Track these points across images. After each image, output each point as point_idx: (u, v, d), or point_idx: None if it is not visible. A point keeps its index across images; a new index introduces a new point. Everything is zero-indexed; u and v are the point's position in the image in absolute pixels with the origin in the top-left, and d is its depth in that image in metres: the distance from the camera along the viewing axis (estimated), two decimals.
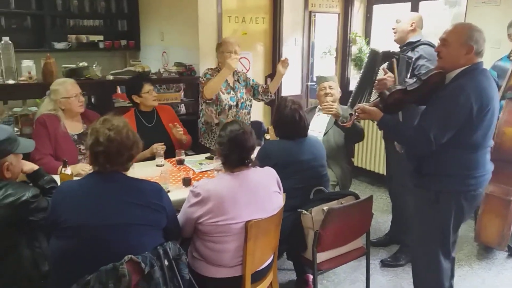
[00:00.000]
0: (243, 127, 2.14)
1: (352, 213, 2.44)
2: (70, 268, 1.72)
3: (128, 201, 1.80)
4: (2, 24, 5.11)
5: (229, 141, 2.09)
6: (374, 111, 2.33)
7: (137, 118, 3.37)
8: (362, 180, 4.96)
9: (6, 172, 1.91)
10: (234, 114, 3.48)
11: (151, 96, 3.37)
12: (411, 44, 3.05)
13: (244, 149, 2.10)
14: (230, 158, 2.10)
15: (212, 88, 3.34)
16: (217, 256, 2.04)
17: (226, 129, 2.14)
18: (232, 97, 3.48)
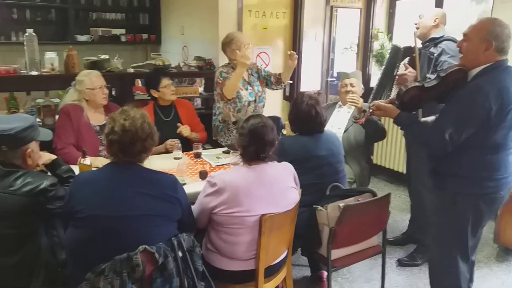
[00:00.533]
0: (264, 121, 2.14)
1: (368, 210, 2.41)
2: (85, 256, 1.75)
3: (143, 192, 1.81)
4: (27, 16, 5.22)
5: (249, 132, 2.10)
6: (389, 108, 2.27)
7: (155, 112, 3.39)
8: (381, 178, 4.90)
9: (28, 159, 1.95)
10: (253, 109, 3.47)
11: (168, 91, 3.38)
12: (434, 40, 2.99)
13: (262, 142, 2.09)
14: (248, 149, 2.10)
15: (231, 88, 3.30)
16: (231, 248, 2.05)
17: (249, 121, 2.15)
18: (251, 93, 3.47)
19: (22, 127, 1.90)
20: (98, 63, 3.67)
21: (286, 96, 4.80)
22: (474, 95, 2.02)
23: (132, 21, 5.84)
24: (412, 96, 2.20)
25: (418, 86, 2.20)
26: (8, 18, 5.14)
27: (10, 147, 1.89)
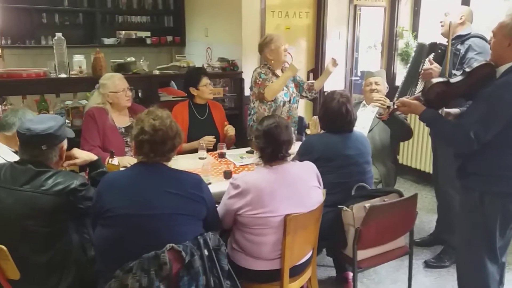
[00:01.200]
0: (277, 121, 2.14)
1: (395, 211, 2.38)
2: (114, 255, 1.78)
3: (169, 191, 1.84)
4: (56, 20, 5.36)
5: (264, 134, 2.11)
6: (414, 104, 2.24)
7: (190, 109, 3.47)
8: (407, 178, 4.82)
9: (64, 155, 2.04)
10: (287, 109, 3.51)
11: (207, 89, 3.46)
12: (461, 37, 2.93)
13: (277, 142, 2.09)
14: (265, 151, 2.11)
15: (275, 90, 3.39)
16: (256, 248, 2.05)
17: (263, 123, 2.16)
18: (286, 93, 3.50)
19: (58, 125, 1.98)
20: (124, 65, 3.74)
21: None
22: (501, 92, 1.99)
23: (157, 24, 5.92)
24: (438, 93, 2.17)
25: (443, 81, 2.17)
26: (38, 22, 5.28)
27: (50, 146, 1.96)
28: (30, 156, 1.95)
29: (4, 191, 1.89)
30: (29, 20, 5.25)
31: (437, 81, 2.17)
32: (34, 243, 1.89)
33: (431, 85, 2.16)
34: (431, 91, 2.16)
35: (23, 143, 1.96)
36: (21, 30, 5.17)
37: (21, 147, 1.98)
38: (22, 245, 1.86)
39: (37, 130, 1.92)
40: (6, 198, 1.88)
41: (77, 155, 2.27)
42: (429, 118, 2.21)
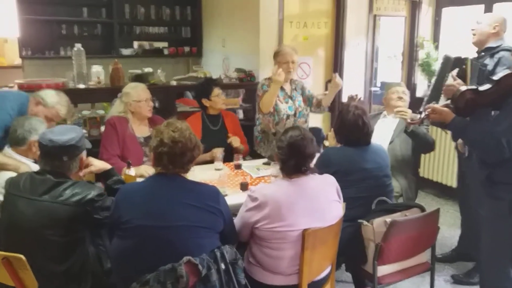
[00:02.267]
0: (303, 133, 2.09)
1: (417, 226, 2.31)
2: (130, 266, 1.77)
3: (187, 203, 1.82)
4: (75, 32, 5.44)
5: (288, 146, 2.06)
6: (445, 112, 2.21)
7: (203, 120, 3.46)
8: (428, 192, 4.71)
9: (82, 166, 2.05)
10: (291, 123, 3.44)
11: (220, 100, 3.44)
12: (491, 50, 2.82)
13: (302, 155, 2.05)
14: (287, 163, 2.06)
15: (266, 103, 3.36)
16: (273, 262, 2.00)
17: (287, 134, 2.11)
18: (290, 106, 3.46)
19: (79, 136, 2.01)
20: (142, 76, 3.76)
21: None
22: None
23: (174, 35, 5.96)
24: (467, 100, 2.14)
25: (473, 89, 2.15)
26: (57, 34, 5.37)
27: (71, 157, 1.98)
28: (51, 166, 1.97)
29: (24, 201, 1.91)
30: (49, 31, 5.34)
31: (466, 89, 2.14)
32: (51, 252, 1.90)
33: (460, 93, 2.13)
34: (460, 99, 2.13)
35: (45, 154, 1.98)
36: (41, 41, 5.26)
37: (42, 158, 2.00)
38: (40, 255, 1.87)
39: (60, 142, 1.94)
40: (25, 207, 1.90)
41: (93, 162, 2.28)
42: (459, 125, 2.18)
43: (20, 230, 1.91)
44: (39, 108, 2.60)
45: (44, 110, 2.60)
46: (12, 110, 2.51)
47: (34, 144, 2.36)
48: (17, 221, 1.91)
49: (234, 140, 3.37)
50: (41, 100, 2.60)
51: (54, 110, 2.62)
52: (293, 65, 3.38)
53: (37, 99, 2.61)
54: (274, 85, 3.29)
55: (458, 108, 2.17)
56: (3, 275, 1.82)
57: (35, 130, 2.37)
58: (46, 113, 2.60)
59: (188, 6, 5.87)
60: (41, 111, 2.60)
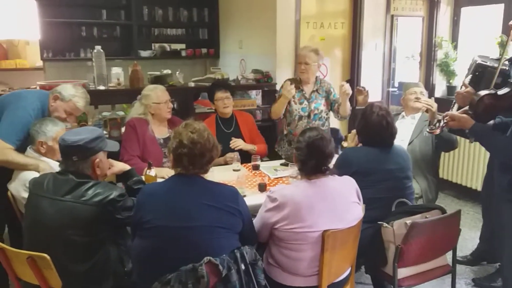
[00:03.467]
0: (321, 133, 2.09)
1: (437, 228, 2.28)
2: (152, 266, 1.78)
3: (207, 204, 1.84)
4: (95, 34, 5.50)
5: (307, 146, 2.05)
6: (464, 118, 2.17)
7: (217, 123, 3.46)
8: (447, 193, 4.65)
9: (96, 168, 2.04)
10: (304, 124, 3.43)
11: (221, 104, 3.42)
12: None
13: (321, 155, 2.04)
14: (307, 164, 2.05)
15: (275, 111, 3.45)
16: (293, 264, 2.00)
17: (305, 134, 2.11)
18: (304, 108, 3.45)
19: (90, 138, 2.00)
20: (161, 77, 3.79)
21: None
22: None
23: (192, 36, 5.99)
24: (486, 105, 2.11)
25: (491, 94, 2.11)
26: (77, 36, 5.44)
27: (80, 157, 1.99)
28: (65, 166, 2.01)
29: (47, 201, 1.94)
30: (69, 33, 5.41)
31: (485, 94, 2.10)
32: (74, 252, 1.92)
33: (479, 98, 2.09)
34: (479, 104, 2.09)
35: (60, 153, 2.03)
36: (62, 44, 5.33)
37: (61, 157, 2.04)
38: (63, 254, 1.89)
39: (69, 141, 1.97)
40: (48, 207, 1.93)
41: (113, 164, 2.31)
42: (479, 131, 2.14)
43: (42, 230, 1.94)
44: (58, 103, 2.62)
45: (62, 104, 2.62)
46: (33, 110, 2.53)
47: (42, 144, 2.41)
48: (40, 220, 1.95)
49: (235, 143, 3.34)
50: (58, 94, 2.61)
51: (71, 103, 2.63)
52: (307, 66, 3.37)
53: (55, 94, 2.63)
54: (282, 99, 3.35)
55: (478, 114, 2.14)
56: (28, 274, 1.87)
57: (43, 131, 2.40)
58: (64, 107, 2.63)
59: (206, 8, 5.90)
60: (59, 106, 2.62)
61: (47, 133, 2.41)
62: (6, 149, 2.40)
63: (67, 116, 2.65)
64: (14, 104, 2.52)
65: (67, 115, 2.65)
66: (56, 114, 2.62)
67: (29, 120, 2.50)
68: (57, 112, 2.62)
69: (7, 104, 2.53)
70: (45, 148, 2.42)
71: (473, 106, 2.14)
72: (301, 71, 3.39)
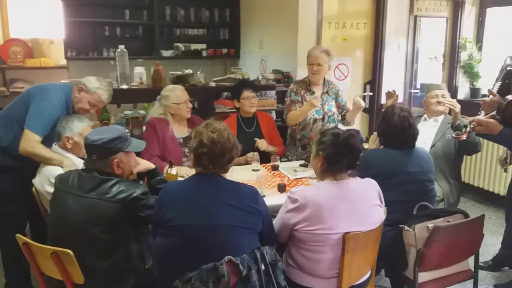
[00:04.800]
0: (349, 132, 2.06)
1: (460, 232, 2.25)
2: (173, 264, 1.81)
3: (227, 203, 1.85)
4: (118, 33, 5.57)
5: (338, 145, 2.00)
6: (491, 124, 2.13)
7: (238, 123, 3.48)
8: (469, 197, 4.57)
9: (116, 168, 2.06)
10: (319, 127, 3.41)
11: (247, 102, 3.44)
12: None
13: (353, 153, 2.02)
14: (338, 163, 2.01)
15: (294, 119, 3.41)
16: (312, 265, 2.00)
17: (329, 134, 2.06)
18: (318, 111, 3.43)
19: (109, 138, 2.01)
20: (183, 77, 3.83)
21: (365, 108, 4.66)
22: None
23: (213, 36, 6.00)
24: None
25: None
26: (101, 35, 5.50)
27: (99, 157, 2.01)
28: (87, 163, 2.04)
29: (72, 197, 1.97)
30: (93, 33, 5.48)
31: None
32: (96, 249, 1.94)
33: (508, 102, 2.05)
34: (507, 109, 2.05)
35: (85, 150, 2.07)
36: (85, 43, 5.40)
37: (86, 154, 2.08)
38: (86, 250, 1.92)
39: (89, 140, 2.01)
40: (73, 204, 1.96)
41: (138, 161, 2.33)
42: (507, 136, 2.09)
43: (66, 226, 1.97)
44: (82, 94, 2.65)
45: (86, 96, 2.65)
46: (57, 101, 2.57)
47: (68, 140, 2.46)
48: (64, 216, 1.98)
49: (261, 144, 3.36)
50: (83, 86, 2.65)
51: (96, 95, 2.66)
52: (320, 68, 3.34)
53: (80, 85, 2.66)
54: (307, 107, 3.30)
55: (506, 119, 2.10)
56: (51, 269, 1.90)
57: (70, 127, 2.45)
58: (89, 98, 2.66)
59: (227, 8, 5.91)
60: (83, 97, 2.65)
61: (73, 129, 2.46)
62: (34, 142, 2.45)
63: (90, 107, 2.69)
64: (39, 96, 2.57)
65: (90, 107, 2.69)
66: (80, 105, 2.67)
67: (54, 112, 2.55)
68: (81, 103, 2.66)
69: (32, 97, 2.58)
70: (71, 143, 2.47)
71: (500, 111, 2.11)
72: (314, 72, 3.36)
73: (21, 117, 2.53)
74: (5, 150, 2.56)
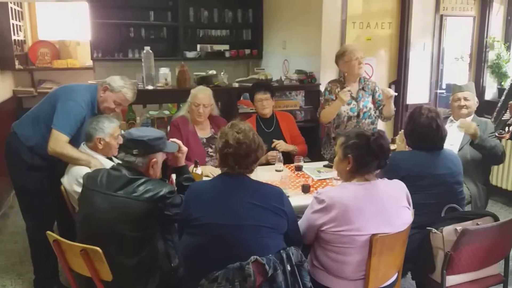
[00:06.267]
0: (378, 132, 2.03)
1: (490, 236, 2.20)
2: (199, 263, 1.82)
3: (253, 203, 1.85)
4: (142, 34, 5.65)
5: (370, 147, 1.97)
6: None
7: (257, 123, 3.49)
8: (496, 200, 4.46)
9: (151, 168, 2.09)
10: (354, 125, 3.39)
11: (259, 105, 3.46)
12: None
13: (384, 153, 1.99)
14: (369, 164, 1.99)
15: (326, 116, 3.39)
16: (338, 267, 1.98)
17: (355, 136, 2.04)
18: (353, 108, 3.40)
19: (154, 136, 2.08)
20: (206, 78, 3.85)
21: None
22: None
23: (236, 37, 6.03)
24: None
25: None
26: (126, 37, 5.60)
27: (140, 153, 2.05)
28: (123, 157, 2.07)
29: (100, 195, 2.01)
30: (118, 34, 5.58)
31: None
32: (124, 246, 1.98)
33: None
34: None
35: (121, 145, 2.11)
36: (111, 44, 5.50)
37: (120, 149, 2.12)
38: (113, 248, 1.95)
39: (134, 135, 2.05)
40: (101, 202, 2.00)
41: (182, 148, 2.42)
42: None
43: (95, 223, 2.01)
44: (107, 94, 2.70)
45: (111, 95, 2.70)
46: (83, 102, 2.63)
47: (100, 141, 2.50)
48: (92, 214, 2.02)
49: (279, 145, 3.36)
50: (108, 86, 2.70)
51: (120, 94, 2.71)
52: (361, 63, 3.33)
53: (104, 85, 2.71)
54: (338, 102, 3.30)
55: None
56: (80, 266, 1.94)
57: (101, 128, 2.50)
58: (114, 98, 2.71)
59: (250, 9, 5.93)
60: (109, 97, 2.70)
61: (105, 130, 2.51)
62: (63, 142, 2.51)
63: (115, 106, 2.74)
64: (66, 96, 2.63)
65: (115, 106, 2.74)
66: (106, 104, 2.71)
67: (81, 112, 2.60)
68: (106, 103, 2.71)
69: (59, 97, 2.63)
70: (102, 144, 2.52)
71: None
72: (359, 67, 3.34)
73: (48, 117, 2.59)
74: (33, 149, 2.63)
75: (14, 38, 4.96)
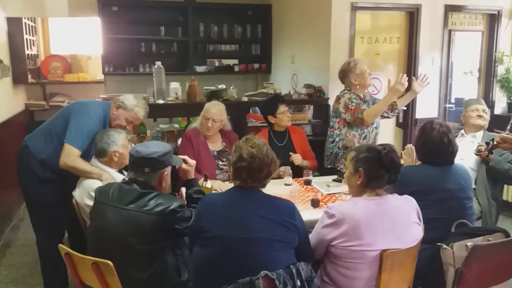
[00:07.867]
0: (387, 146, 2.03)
1: (501, 252, 2.17)
2: (210, 276, 1.83)
3: (264, 216, 1.86)
4: (153, 49, 5.73)
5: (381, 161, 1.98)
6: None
7: (269, 137, 3.50)
8: (507, 215, 4.41)
9: (163, 181, 2.13)
10: (374, 136, 3.46)
11: (285, 117, 3.47)
12: None
13: (395, 167, 2.00)
14: (380, 178, 2.00)
15: (376, 113, 3.34)
16: (348, 282, 1.97)
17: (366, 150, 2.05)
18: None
19: (162, 152, 2.10)
20: (216, 92, 3.89)
21: (399, 123, 4.62)
22: None
23: (245, 52, 6.10)
24: None
25: None
26: (137, 51, 5.69)
27: (152, 170, 2.08)
28: (135, 176, 2.09)
29: (112, 209, 2.03)
30: (129, 49, 5.67)
31: None
32: (135, 259, 1.99)
33: None
34: None
35: (131, 164, 2.12)
36: (122, 59, 5.59)
37: (129, 167, 2.14)
38: (124, 261, 1.97)
39: (143, 153, 2.06)
40: (113, 216, 2.02)
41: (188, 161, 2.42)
42: None
43: (106, 236, 2.03)
44: (120, 111, 2.76)
45: (124, 113, 2.76)
46: (96, 117, 2.68)
47: (115, 154, 2.53)
48: (104, 227, 2.04)
49: (296, 158, 3.37)
50: (121, 103, 2.75)
51: (133, 112, 2.76)
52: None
53: (117, 103, 2.76)
54: (390, 95, 3.24)
55: None
56: (91, 279, 1.95)
57: (113, 141, 2.53)
58: (126, 115, 2.76)
59: (259, 24, 6.00)
60: (121, 114, 2.75)
61: (117, 142, 2.54)
62: (74, 156, 2.55)
63: (127, 124, 2.78)
64: (79, 111, 2.67)
65: (127, 123, 2.78)
66: (117, 122, 2.76)
67: (93, 127, 2.64)
68: (118, 120, 2.76)
69: (72, 112, 2.68)
70: (117, 156, 2.55)
71: None
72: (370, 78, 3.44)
73: (60, 132, 2.63)
74: (44, 162, 2.67)
75: (28, 52, 5.06)
